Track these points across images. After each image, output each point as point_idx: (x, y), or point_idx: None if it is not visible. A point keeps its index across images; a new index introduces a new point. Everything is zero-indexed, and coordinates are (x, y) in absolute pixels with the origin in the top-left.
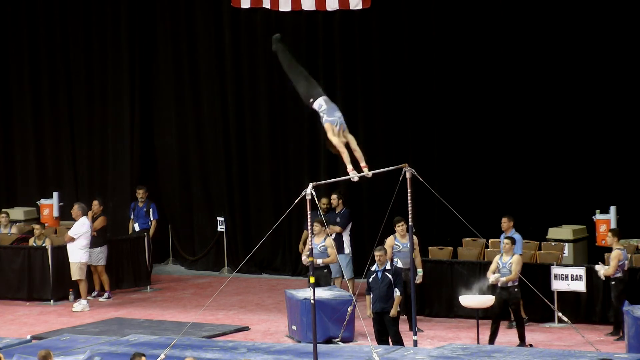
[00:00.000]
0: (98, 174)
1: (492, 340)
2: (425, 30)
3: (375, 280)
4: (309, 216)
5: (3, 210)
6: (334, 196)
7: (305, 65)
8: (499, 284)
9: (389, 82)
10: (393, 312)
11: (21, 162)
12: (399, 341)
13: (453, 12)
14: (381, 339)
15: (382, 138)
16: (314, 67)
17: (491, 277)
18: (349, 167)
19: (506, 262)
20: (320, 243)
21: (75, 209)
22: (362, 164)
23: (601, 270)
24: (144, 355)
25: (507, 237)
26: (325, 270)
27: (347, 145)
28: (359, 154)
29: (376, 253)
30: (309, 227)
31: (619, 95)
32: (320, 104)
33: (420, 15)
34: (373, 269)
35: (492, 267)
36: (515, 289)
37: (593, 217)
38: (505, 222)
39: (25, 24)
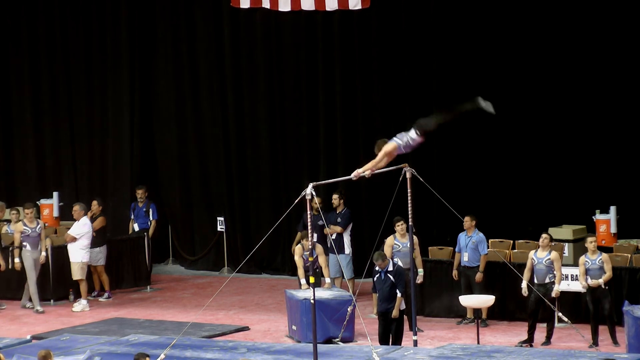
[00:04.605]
0: (98, 174)
1: (530, 337)
2: (425, 30)
3: (379, 280)
4: (309, 216)
5: (14, 207)
6: (335, 196)
7: (304, 64)
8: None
9: (389, 81)
10: (394, 313)
11: (21, 162)
12: (398, 341)
13: (452, 12)
14: (383, 339)
15: (382, 138)
16: (313, 67)
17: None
18: (360, 170)
19: (543, 258)
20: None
21: (77, 209)
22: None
23: (601, 281)
24: (148, 355)
25: (545, 233)
26: (317, 270)
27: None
28: (382, 165)
29: (375, 261)
30: (309, 228)
31: (619, 95)
32: (413, 137)
33: (419, 15)
34: (377, 268)
35: (529, 264)
36: (553, 285)
37: (593, 217)
38: (467, 222)
39: (25, 24)
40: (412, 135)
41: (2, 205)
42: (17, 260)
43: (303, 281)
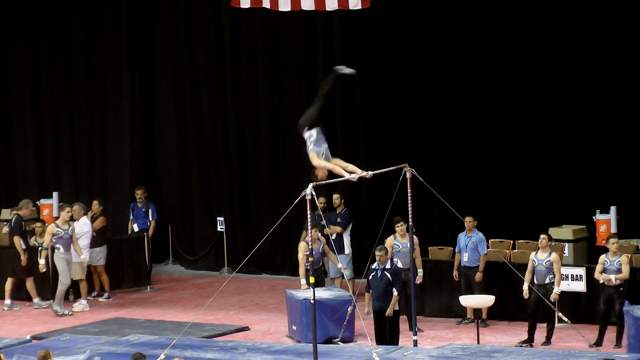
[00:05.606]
0: (98, 174)
1: (530, 337)
2: (425, 30)
3: (375, 278)
4: (309, 216)
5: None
6: (336, 196)
7: (304, 64)
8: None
9: (389, 82)
10: (389, 311)
11: (21, 162)
12: (394, 340)
13: (452, 12)
14: (380, 338)
15: (382, 138)
16: (313, 67)
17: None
18: (346, 174)
19: (543, 260)
20: (317, 249)
21: (77, 209)
22: (359, 171)
23: (612, 277)
24: (144, 356)
25: (543, 233)
26: (322, 267)
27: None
28: (352, 167)
29: (377, 252)
30: (308, 227)
31: (619, 95)
32: (312, 134)
33: (419, 15)
34: (374, 267)
35: (530, 266)
36: (553, 286)
37: (593, 217)
38: (470, 222)
39: (25, 24)
40: (305, 135)
41: (28, 202)
42: (42, 261)
43: (303, 281)
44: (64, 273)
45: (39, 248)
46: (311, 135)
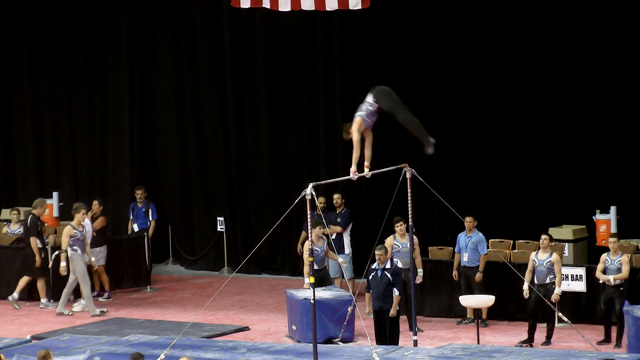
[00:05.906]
0: (98, 174)
1: (530, 337)
2: (425, 30)
3: (375, 278)
4: (308, 216)
5: (15, 207)
6: (336, 196)
7: (304, 64)
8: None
9: (388, 82)
10: (392, 312)
11: (21, 162)
12: (394, 340)
13: (452, 12)
14: (380, 337)
15: (382, 138)
16: (313, 67)
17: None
18: (353, 167)
19: (544, 260)
20: (322, 246)
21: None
22: (366, 163)
23: (611, 278)
24: (143, 356)
25: (544, 233)
26: (325, 266)
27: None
28: (369, 152)
29: (377, 252)
30: (309, 228)
31: (619, 95)
32: (371, 102)
33: (419, 15)
34: (373, 267)
35: (530, 266)
36: (553, 286)
37: (593, 217)
38: (470, 222)
39: (24, 24)
40: (369, 100)
41: (43, 201)
42: (63, 264)
43: (307, 280)
44: (83, 274)
45: (56, 251)
46: (372, 105)
